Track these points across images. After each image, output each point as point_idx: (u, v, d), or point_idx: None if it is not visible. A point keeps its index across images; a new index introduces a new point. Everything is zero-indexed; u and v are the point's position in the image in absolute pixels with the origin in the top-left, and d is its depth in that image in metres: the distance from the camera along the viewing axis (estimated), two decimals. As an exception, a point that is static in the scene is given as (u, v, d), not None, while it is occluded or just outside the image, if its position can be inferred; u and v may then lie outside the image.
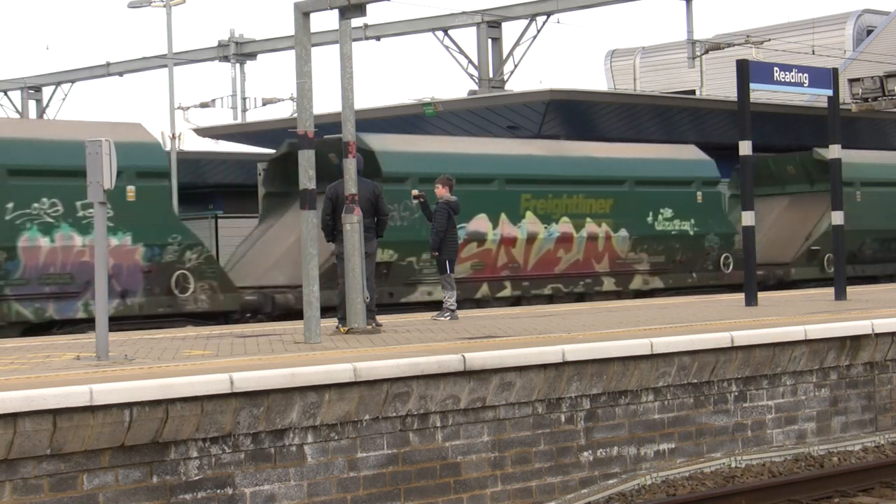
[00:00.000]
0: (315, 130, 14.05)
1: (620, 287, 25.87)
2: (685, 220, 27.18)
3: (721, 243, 27.82)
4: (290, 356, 11.82)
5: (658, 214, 26.71)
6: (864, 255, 30.30)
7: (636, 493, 11.97)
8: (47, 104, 48.69)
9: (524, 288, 24.52)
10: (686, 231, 27.25)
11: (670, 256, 26.78)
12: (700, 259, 27.46)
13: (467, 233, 23.44)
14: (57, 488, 9.11)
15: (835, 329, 14.22)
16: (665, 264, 26.68)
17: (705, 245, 27.61)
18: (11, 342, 15.43)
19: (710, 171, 28.18)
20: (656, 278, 26.56)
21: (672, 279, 26.80)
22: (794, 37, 43.37)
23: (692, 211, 27.39)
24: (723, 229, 28.02)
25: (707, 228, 27.59)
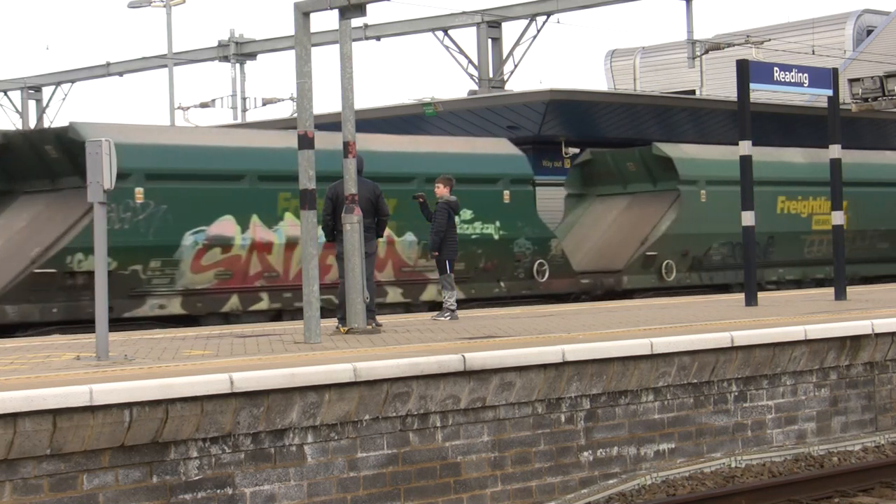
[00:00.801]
0: (315, 130, 14.06)
1: (409, 298, 23.07)
2: (489, 222, 24.30)
3: (534, 248, 24.98)
4: (290, 356, 11.83)
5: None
6: (711, 262, 27.78)
7: (636, 493, 11.97)
8: (47, 104, 48.70)
9: (286, 300, 21.72)
10: (490, 235, 24.46)
11: (472, 263, 23.85)
12: (508, 266, 24.71)
13: (207, 237, 20.95)
14: (57, 488, 9.11)
15: (835, 329, 14.23)
16: (465, 272, 23.54)
17: (514, 250, 24.86)
18: (11, 342, 15.43)
19: (520, 167, 25.49)
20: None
21: (475, 289, 23.96)
22: (794, 37, 43.36)
23: (498, 212, 24.59)
24: (536, 233, 25.15)
25: (516, 232, 24.86)
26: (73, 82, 48.61)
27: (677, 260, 27.22)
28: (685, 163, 27.89)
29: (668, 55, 51.50)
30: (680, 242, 27.41)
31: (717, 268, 28.04)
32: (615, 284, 26.43)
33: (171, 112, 45.62)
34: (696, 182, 27.70)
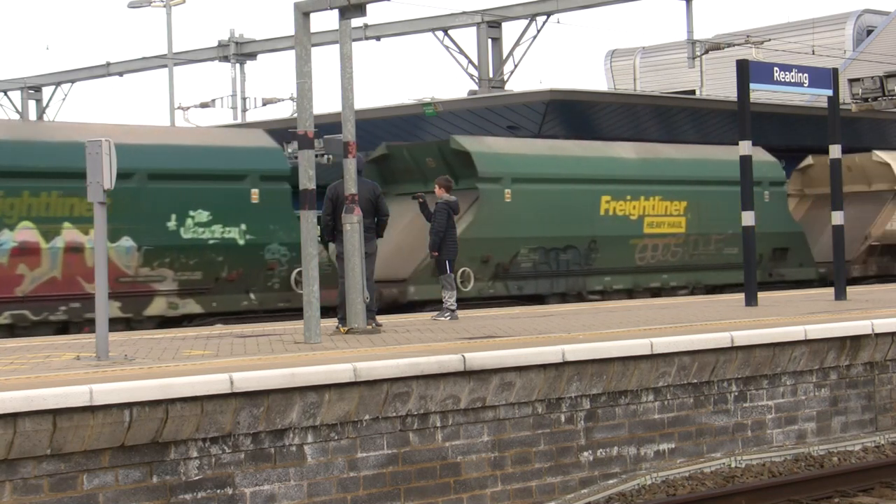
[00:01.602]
0: (315, 130, 14.06)
1: (130, 313, 20.30)
2: (232, 225, 21.43)
3: (292, 255, 21.94)
4: (290, 356, 11.83)
5: (186, 218, 21.02)
6: (519, 270, 24.57)
7: (636, 493, 11.97)
8: (47, 104, 48.69)
9: None
10: (234, 240, 21.51)
11: (210, 273, 21.12)
12: (259, 276, 21.72)
13: None
14: (57, 488, 9.11)
15: (835, 329, 14.23)
16: (203, 283, 21.10)
17: (266, 258, 21.85)
18: (11, 342, 15.43)
19: (274, 162, 22.01)
20: (190, 300, 20.93)
21: (217, 301, 21.18)
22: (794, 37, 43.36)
23: (244, 214, 21.73)
24: (292, 237, 21.55)
25: (268, 237, 21.80)
26: (73, 82, 48.61)
27: (476, 268, 23.80)
28: (486, 158, 24.62)
29: (668, 55, 51.51)
30: (479, 248, 23.89)
31: (527, 276, 24.69)
32: (399, 296, 23.24)
33: (171, 112, 45.63)
34: (499, 180, 24.36)
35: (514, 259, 24.42)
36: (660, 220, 27.01)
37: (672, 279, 27.11)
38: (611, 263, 26.00)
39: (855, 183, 30.74)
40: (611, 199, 26.19)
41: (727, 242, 27.92)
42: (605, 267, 25.92)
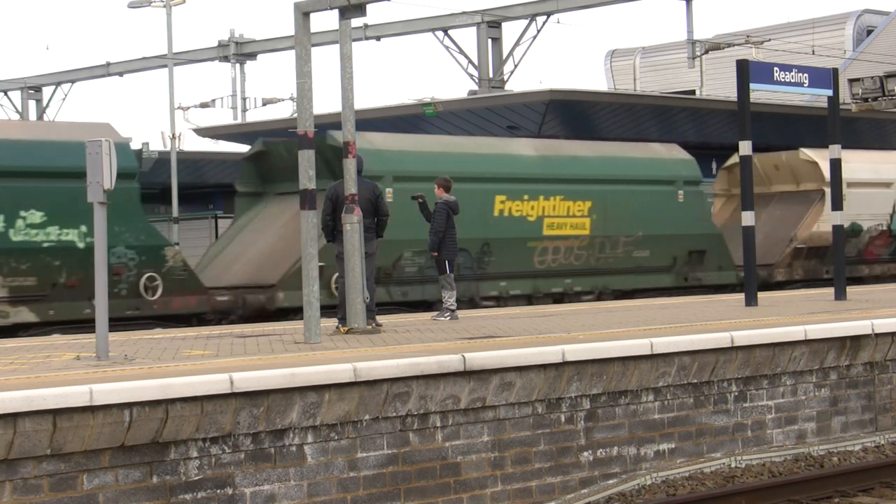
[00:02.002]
0: (315, 130, 14.08)
1: None
2: (70, 227, 19.90)
3: (140, 259, 20.43)
4: (290, 356, 11.83)
5: (17, 219, 19.61)
6: (403, 274, 23.17)
7: (636, 493, 11.97)
8: (47, 104, 48.69)
9: None
10: (73, 243, 19.91)
11: (47, 279, 19.74)
12: None
13: None
14: (57, 488, 9.11)
15: (835, 329, 14.23)
16: (38, 289, 19.72)
17: (111, 262, 19.74)
18: (12, 342, 15.43)
19: (121, 159, 21.59)
20: (23, 309, 19.51)
21: (54, 309, 19.77)
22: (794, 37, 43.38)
23: (85, 214, 20.15)
24: (142, 240, 20.56)
25: (113, 240, 19.47)
26: (73, 82, 48.61)
27: None
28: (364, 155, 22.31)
29: (668, 55, 51.53)
30: None
31: (412, 281, 23.20)
32: (266, 302, 22.07)
33: (171, 112, 45.63)
34: (379, 178, 21.96)
35: (396, 263, 22.87)
36: (561, 221, 25.39)
37: (576, 284, 25.46)
38: (507, 267, 24.50)
39: (783, 182, 30.10)
40: (506, 199, 24.66)
41: (637, 245, 26.46)
42: (501, 271, 24.44)
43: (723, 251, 27.96)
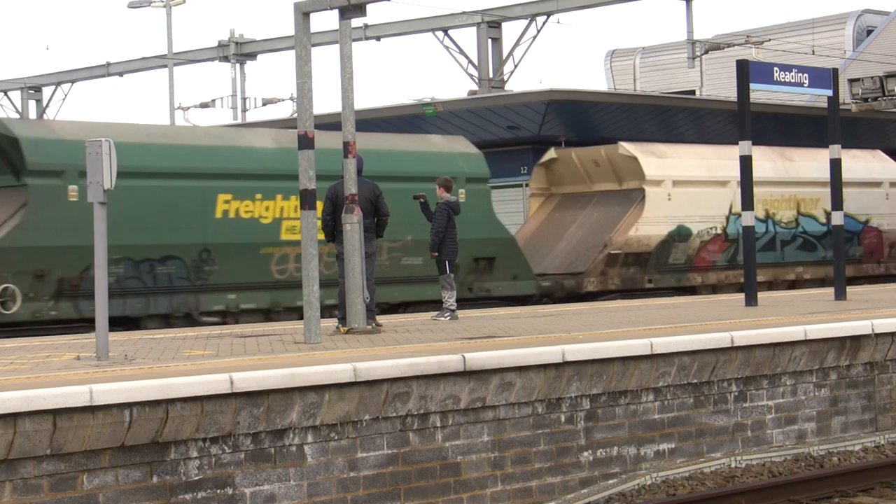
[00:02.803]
0: (315, 130, 14.08)
1: None
2: None
3: None
4: (290, 356, 11.83)
5: None
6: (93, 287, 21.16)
7: (636, 493, 11.97)
8: (47, 104, 48.69)
9: None
10: None
11: None
12: None
13: None
14: (57, 488, 9.11)
15: (835, 329, 14.23)
16: None
17: None
18: (11, 342, 15.43)
19: None
20: None
21: None
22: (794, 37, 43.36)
23: None
24: None
25: None
26: (73, 82, 48.61)
27: (28, 284, 19.19)
28: (42, 146, 19.98)
29: (668, 55, 51.50)
30: (31, 259, 19.30)
31: (126, 294, 20.17)
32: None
33: (171, 112, 45.66)
34: (61, 174, 19.64)
35: (84, 273, 19.31)
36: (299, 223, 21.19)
37: (327, 296, 20.11)
38: (236, 278, 21.26)
39: (604, 180, 27.27)
40: (232, 199, 21.40)
41: (406, 251, 22.99)
42: (228, 282, 21.20)
43: (517, 258, 24.72)
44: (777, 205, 28.79)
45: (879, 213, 30.73)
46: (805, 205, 29.44)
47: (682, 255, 27.05)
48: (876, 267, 30.58)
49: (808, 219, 29.52)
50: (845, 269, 27.25)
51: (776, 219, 28.68)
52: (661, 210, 26.67)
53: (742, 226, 19.07)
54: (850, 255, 28.84)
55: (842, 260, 20.49)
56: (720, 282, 27.70)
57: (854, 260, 29.78)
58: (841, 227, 20.34)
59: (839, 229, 20.33)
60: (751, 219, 18.82)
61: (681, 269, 26.89)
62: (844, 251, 20.87)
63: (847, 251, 27.23)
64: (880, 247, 30.82)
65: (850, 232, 28.22)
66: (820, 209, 29.35)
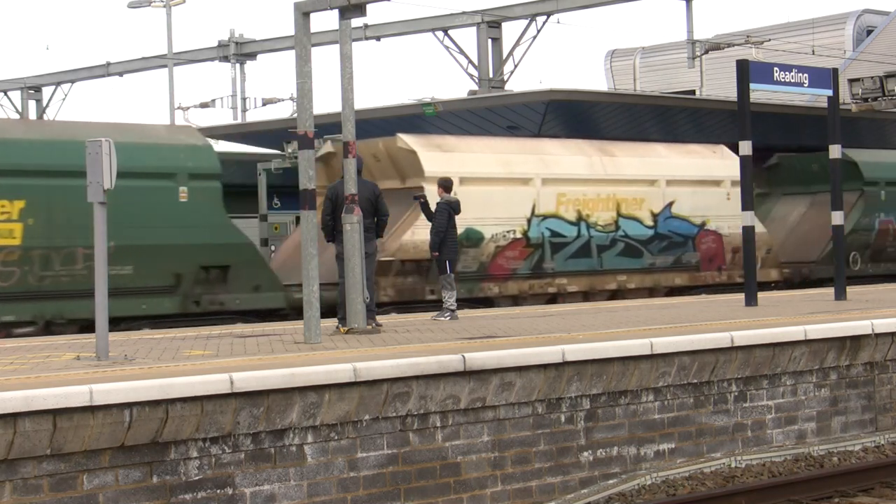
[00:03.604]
0: (315, 130, 14.08)
1: None
2: None
3: None
4: (290, 356, 11.83)
5: None
6: None
7: (636, 493, 11.97)
8: (47, 104, 48.65)
9: None
10: None
11: None
12: None
13: None
14: (57, 488, 9.11)
15: (835, 329, 14.23)
16: None
17: None
18: (12, 342, 15.43)
19: None
20: None
21: None
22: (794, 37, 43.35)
23: None
24: None
25: None
26: (73, 82, 48.57)
27: None
28: None
29: (668, 55, 51.49)
30: None
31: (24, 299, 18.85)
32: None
33: (171, 112, 45.62)
34: None
35: None
36: (9, 227, 19.00)
37: (7, 312, 18.95)
38: None
39: (386, 177, 23.50)
40: None
41: (111, 260, 19.26)
42: None
43: (258, 267, 21.76)
44: (592, 205, 25.17)
45: (719, 214, 27.36)
46: (627, 205, 25.89)
47: (474, 262, 23.37)
48: (716, 275, 27.30)
49: (631, 221, 25.95)
50: (680, 277, 26.24)
51: (591, 221, 25.12)
52: None
53: (742, 226, 19.06)
54: (686, 262, 26.61)
55: (842, 260, 20.47)
56: (522, 292, 23.93)
57: (690, 267, 26.82)
58: (840, 227, 20.32)
59: (839, 230, 20.31)
60: (750, 219, 18.82)
61: (472, 277, 23.23)
62: (844, 252, 20.83)
63: (680, 257, 26.39)
64: (721, 252, 27.51)
65: (681, 236, 26.54)
66: (646, 210, 26.18)
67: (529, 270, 24.08)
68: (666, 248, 26.39)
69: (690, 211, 26.91)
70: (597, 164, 25.74)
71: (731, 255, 27.29)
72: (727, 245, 27.41)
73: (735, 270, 26.97)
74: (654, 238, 26.21)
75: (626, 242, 25.77)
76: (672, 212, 26.63)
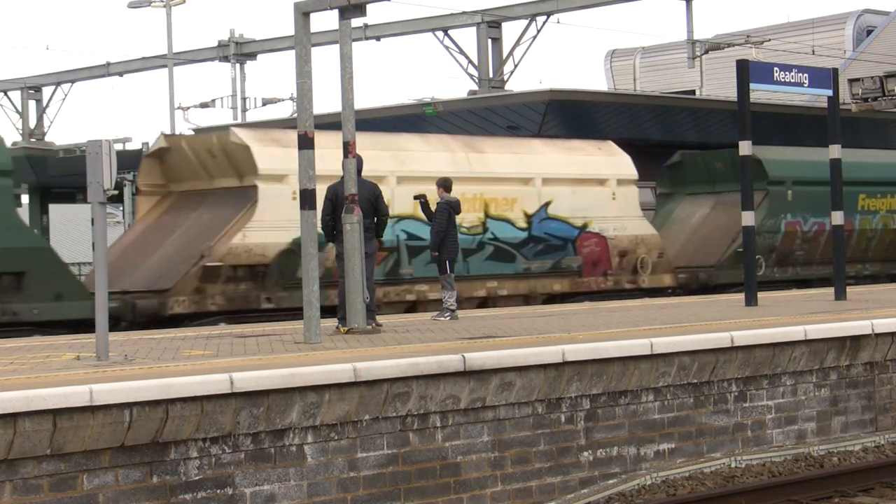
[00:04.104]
0: (315, 130, 14.08)
1: None
2: None
3: None
4: (290, 356, 11.83)
5: None
6: None
7: (636, 493, 11.97)
8: (47, 104, 48.67)
9: None
10: None
11: None
12: None
13: None
14: (57, 488, 9.11)
15: (835, 329, 14.23)
16: None
17: None
18: (12, 342, 15.43)
19: None
20: None
21: None
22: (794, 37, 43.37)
23: None
24: None
25: None
26: (73, 82, 48.56)
27: None
28: None
29: (668, 55, 51.51)
30: None
31: None
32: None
33: (171, 112, 45.61)
34: None
35: None
36: None
37: None
38: None
39: (223, 175, 22.10)
40: None
41: None
42: None
43: (60, 274, 19.98)
44: None
45: (603, 215, 25.51)
46: (497, 206, 24.04)
47: (319, 267, 20.95)
48: (602, 280, 25.52)
49: (501, 223, 24.11)
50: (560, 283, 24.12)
51: None
52: (283, 213, 20.84)
53: (742, 226, 19.06)
54: (566, 267, 24.86)
55: (842, 259, 20.46)
56: (376, 300, 19.36)
57: (571, 272, 25.01)
58: (841, 227, 20.32)
59: (839, 229, 20.31)
60: (751, 218, 18.82)
61: None
62: (844, 252, 20.82)
63: (559, 262, 24.77)
64: (606, 256, 25.59)
65: (559, 238, 24.77)
66: (518, 211, 24.35)
67: (383, 277, 22.11)
68: (542, 252, 24.60)
69: (570, 212, 25.08)
70: (462, 162, 23.78)
71: (618, 259, 25.71)
72: (613, 248, 25.66)
73: (623, 276, 25.74)
74: (528, 241, 24.38)
75: (496, 246, 23.93)
76: (549, 213, 24.78)
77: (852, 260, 28.62)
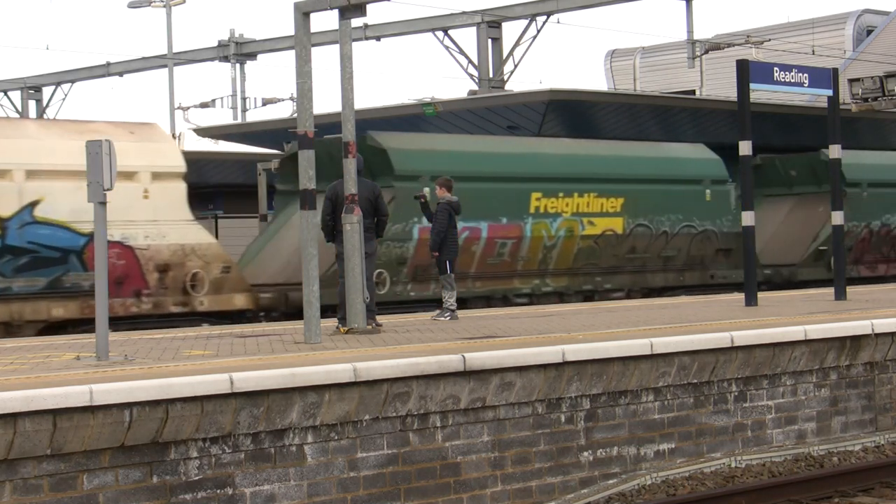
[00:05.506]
0: (315, 130, 14.07)
1: None
2: None
3: None
4: (290, 356, 11.83)
5: None
6: None
7: (636, 493, 11.97)
8: (47, 104, 48.66)
9: None
10: None
11: None
12: None
13: None
14: (57, 488, 9.11)
15: (835, 329, 14.23)
16: None
17: None
18: (12, 342, 15.42)
19: None
20: None
21: None
22: (794, 37, 43.35)
23: None
24: None
25: None
26: (73, 82, 48.56)
27: None
28: None
29: (668, 55, 51.48)
30: None
31: None
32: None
33: (171, 112, 45.62)
34: None
35: None
36: None
37: None
38: None
39: None
40: None
41: None
42: None
43: None
44: None
45: (130, 219, 19.39)
46: None
47: None
48: (134, 303, 19.50)
49: None
50: (70, 306, 18.40)
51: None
52: None
53: (743, 226, 19.07)
54: (71, 286, 18.85)
55: (842, 259, 20.47)
56: None
57: (81, 293, 18.74)
58: (841, 226, 20.32)
59: (839, 229, 20.30)
60: (750, 218, 18.82)
61: None
62: (844, 252, 20.84)
63: (59, 279, 18.76)
64: (137, 271, 19.54)
65: (54, 249, 18.80)
66: None
67: None
68: (26, 268, 18.59)
69: (72, 214, 18.57)
70: None
71: (158, 274, 19.69)
72: (146, 261, 19.58)
73: (168, 296, 19.76)
74: (2, 252, 18.48)
75: None
76: (36, 215, 18.71)
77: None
